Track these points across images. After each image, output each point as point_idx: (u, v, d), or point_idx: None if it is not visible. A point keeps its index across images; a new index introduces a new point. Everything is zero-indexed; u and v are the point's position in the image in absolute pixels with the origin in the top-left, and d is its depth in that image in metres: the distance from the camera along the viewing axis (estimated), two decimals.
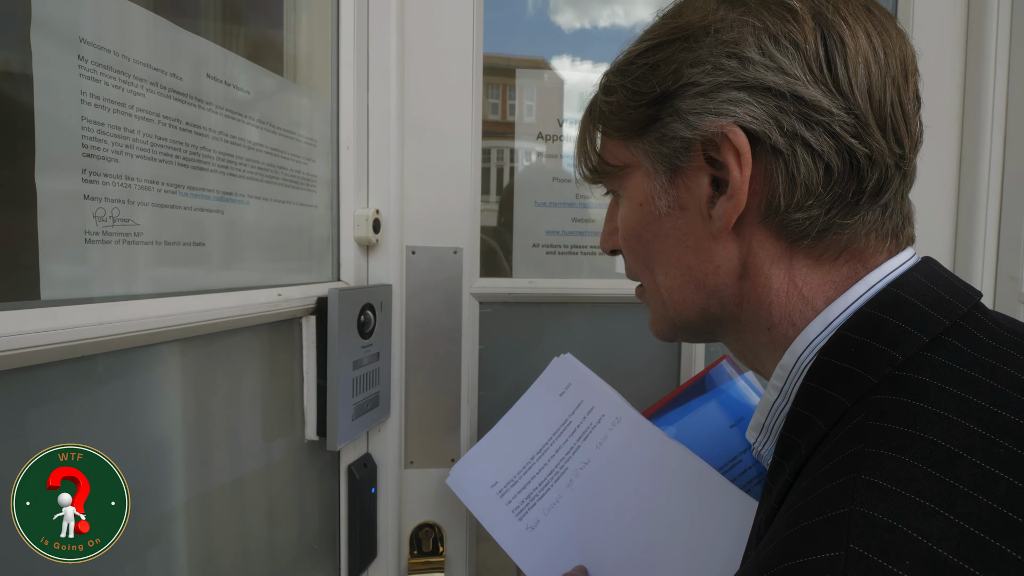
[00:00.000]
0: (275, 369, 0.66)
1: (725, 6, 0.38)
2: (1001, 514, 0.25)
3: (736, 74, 0.37)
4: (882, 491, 0.27)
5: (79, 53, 0.42)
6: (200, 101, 0.54)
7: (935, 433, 0.28)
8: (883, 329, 0.34)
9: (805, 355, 0.38)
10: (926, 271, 0.38)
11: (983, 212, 0.92)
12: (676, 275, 0.44)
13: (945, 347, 0.33)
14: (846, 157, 0.36)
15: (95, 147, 0.43)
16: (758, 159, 0.37)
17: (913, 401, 0.31)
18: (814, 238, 0.38)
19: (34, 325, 0.38)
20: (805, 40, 0.36)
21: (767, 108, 0.36)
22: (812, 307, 0.38)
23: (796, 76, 0.35)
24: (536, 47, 0.93)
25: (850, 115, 0.36)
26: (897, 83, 0.37)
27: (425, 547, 0.86)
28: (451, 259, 0.85)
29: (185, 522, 0.53)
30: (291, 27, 0.71)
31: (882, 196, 0.38)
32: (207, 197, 0.56)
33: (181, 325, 0.50)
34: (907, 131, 0.38)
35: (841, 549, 0.25)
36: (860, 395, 0.33)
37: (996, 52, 0.91)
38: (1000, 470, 0.27)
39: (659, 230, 0.43)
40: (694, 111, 0.38)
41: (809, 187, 0.37)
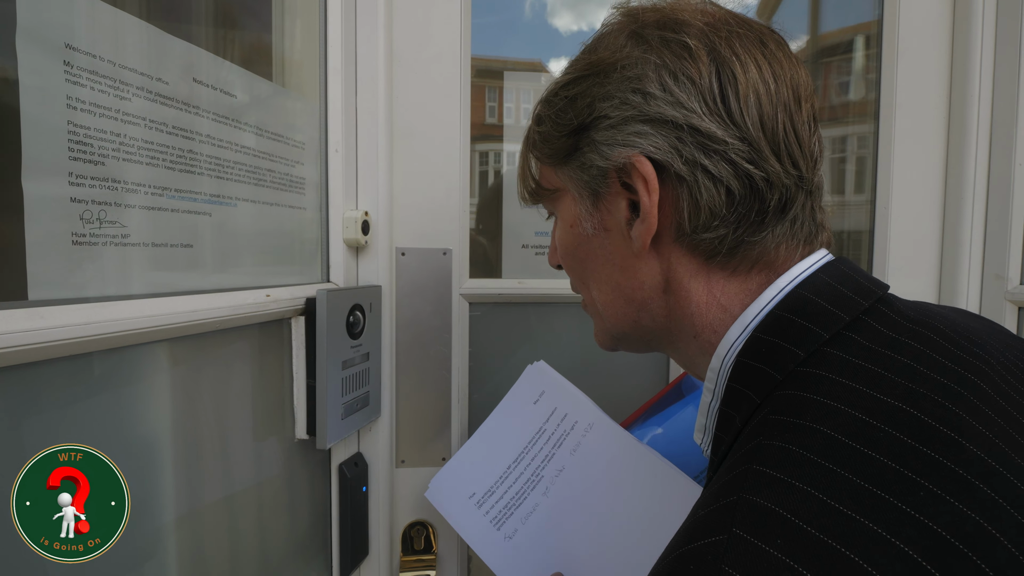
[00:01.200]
0: (265, 369, 0.67)
1: (632, 43, 0.41)
2: (870, 492, 0.27)
3: (640, 108, 0.40)
4: (768, 479, 0.29)
5: (65, 59, 0.43)
6: (188, 105, 0.55)
7: (822, 422, 0.31)
8: (790, 329, 0.37)
9: (728, 357, 0.40)
10: (832, 271, 0.40)
11: (969, 211, 0.93)
12: (608, 291, 0.47)
13: (844, 341, 0.36)
14: (745, 181, 0.39)
15: (81, 151, 0.44)
16: (666, 185, 0.41)
17: (807, 394, 0.33)
18: (725, 255, 0.41)
19: (22, 325, 0.39)
20: (700, 76, 0.39)
21: (668, 139, 0.39)
22: (730, 314, 0.41)
23: (692, 109, 0.39)
24: (533, 50, 0.94)
25: (744, 143, 0.39)
26: (789, 109, 0.40)
27: (417, 545, 0.87)
28: (440, 260, 0.86)
29: (176, 523, 0.54)
30: (280, 32, 0.72)
31: (787, 212, 0.41)
32: (196, 199, 0.57)
33: (170, 325, 0.51)
34: (802, 153, 0.40)
35: (725, 533, 0.28)
36: (768, 391, 0.36)
37: (982, 51, 0.92)
38: (876, 452, 0.29)
39: (589, 250, 0.47)
40: (606, 142, 0.42)
41: (713, 210, 0.40)
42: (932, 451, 0.29)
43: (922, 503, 0.27)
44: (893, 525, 0.26)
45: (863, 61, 1.01)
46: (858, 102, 1.02)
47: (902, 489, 0.27)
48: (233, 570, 0.63)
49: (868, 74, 1.00)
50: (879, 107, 0.97)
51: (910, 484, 0.27)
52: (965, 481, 0.28)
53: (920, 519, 0.26)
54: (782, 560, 0.26)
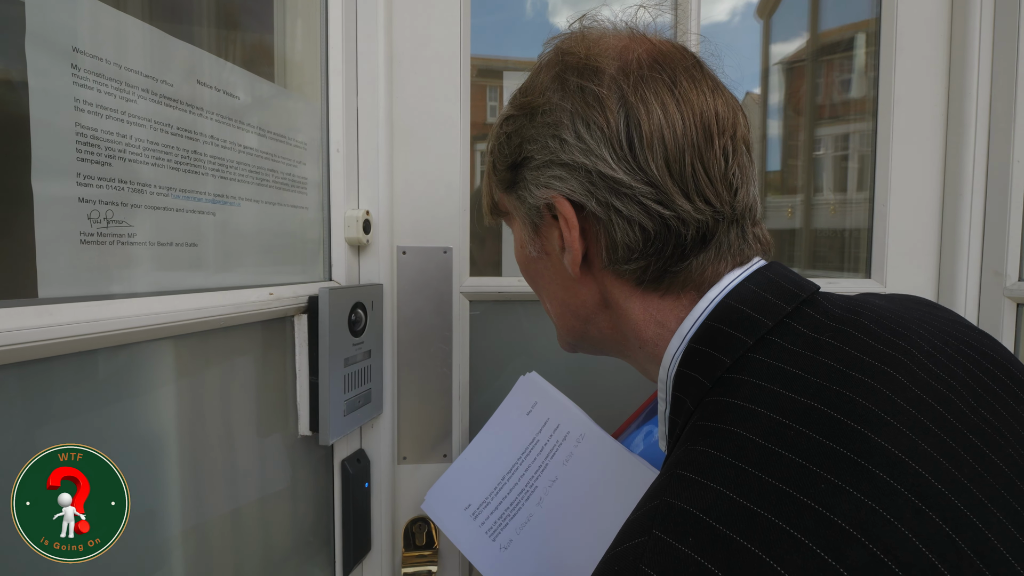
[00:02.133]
0: (268, 366, 0.68)
1: (552, 88, 0.44)
2: (775, 487, 0.29)
3: (556, 154, 0.43)
4: (688, 481, 0.31)
5: (73, 62, 0.44)
6: (192, 106, 0.56)
7: (738, 425, 0.33)
8: (718, 337, 0.39)
9: (671, 367, 0.43)
10: (759, 279, 0.42)
11: (967, 208, 0.93)
12: (557, 305, 0.51)
13: (768, 346, 0.37)
14: (658, 220, 0.41)
15: (89, 152, 0.45)
16: (587, 221, 0.44)
17: (728, 399, 0.35)
18: (651, 281, 0.43)
19: (31, 321, 0.40)
20: (607, 124, 0.41)
21: (582, 183, 0.42)
22: (668, 329, 0.44)
23: (601, 156, 0.41)
24: (534, 49, 0.94)
25: (650, 186, 0.40)
26: (697, 148, 0.41)
27: (418, 540, 0.88)
28: (441, 259, 0.87)
29: (180, 515, 0.55)
30: (281, 34, 0.73)
31: (709, 242, 0.42)
32: (200, 199, 0.58)
33: (175, 323, 0.52)
34: (714, 190, 0.41)
35: (646, 535, 0.30)
36: (700, 398, 0.38)
37: (980, 48, 0.92)
38: (785, 450, 0.31)
39: (536, 270, 0.51)
40: (534, 182, 0.45)
41: (629, 245, 0.42)
42: (837, 445, 0.30)
43: (822, 494, 0.28)
44: (793, 517, 0.28)
45: (864, 59, 1.01)
46: (859, 100, 1.02)
47: (805, 483, 0.29)
48: (237, 566, 0.64)
49: (869, 72, 1.01)
50: (877, 104, 0.98)
51: (812, 477, 0.29)
52: (866, 471, 0.29)
53: (819, 509, 0.28)
54: (692, 557, 0.27)
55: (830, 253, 1.05)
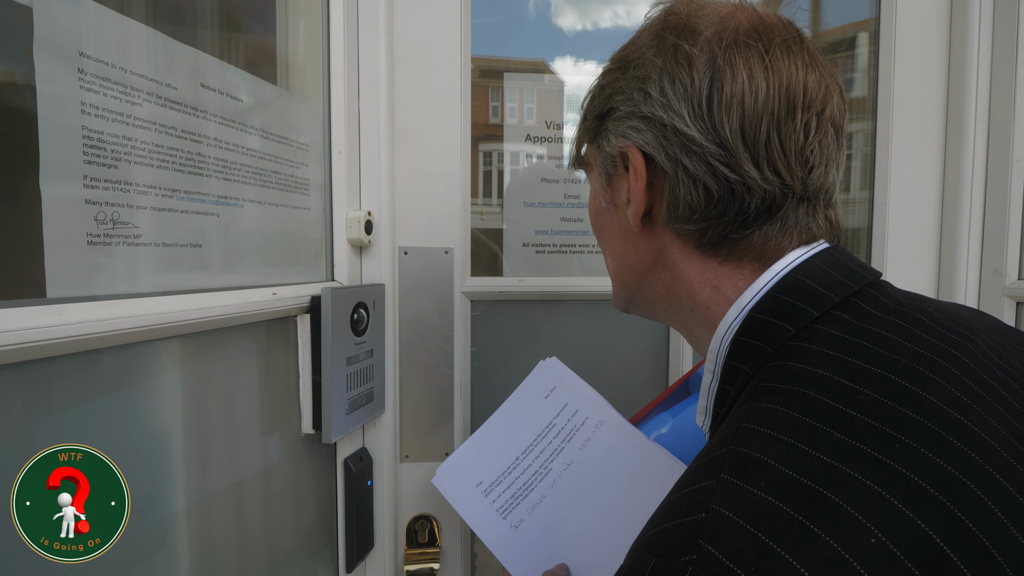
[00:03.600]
0: (271, 365, 0.69)
1: (649, 44, 0.45)
2: (849, 444, 0.30)
3: (639, 106, 0.44)
4: (755, 433, 0.32)
5: (79, 66, 0.45)
6: (196, 109, 0.57)
7: (808, 387, 0.34)
8: (782, 308, 0.40)
9: (725, 337, 0.43)
10: (825, 258, 0.43)
11: (967, 207, 0.93)
12: (616, 258, 0.53)
13: (832, 320, 0.38)
14: (723, 183, 0.42)
15: (95, 155, 0.46)
16: (656, 175, 0.45)
17: (795, 363, 0.36)
18: (710, 246, 0.44)
19: (40, 321, 0.41)
20: (692, 83, 0.42)
21: (656, 137, 0.44)
22: (724, 296, 0.44)
23: (679, 113, 0.42)
24: (536, 50, 0.95)
25: (721, 148, 0.41)
26: (777, 119, 0.41)
27: (421, 538, 0.89)
28: (442, 259, 0.88)
29: (185, 514, 0.56)
30: (284, 36, 0.74)
31: (774, 215, 0.42)
32: (204, 201, 0.58)
33: (179, 322, 0.53)
34: (786, 163, 0.42)
35: (714, 478, 0.31)
36: (760, 363, 0.39)
37: (979, 48, 0.92)
38: (857, 411, 0.31)
39: (603, 221, 0.53)
40: (613, 132, 0.47)
41: (691, 205, 0.43)
42: (909, 411, 0.31)
43: (897, 453, 0.29)
44: (869, 471, 0.28)
45: (867, 58, 1.01)
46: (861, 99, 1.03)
47: (879, 442, 0.30)
48: (241, 562, 0.65)
49: (870, 71, 1.01)
50: (877, 104, 0.98)
51: (887, 437, 0.30)
52: (940, 437, 0.30)
53: (895, 466, 0.28)
54: (765, 498, 0.28)
55: None
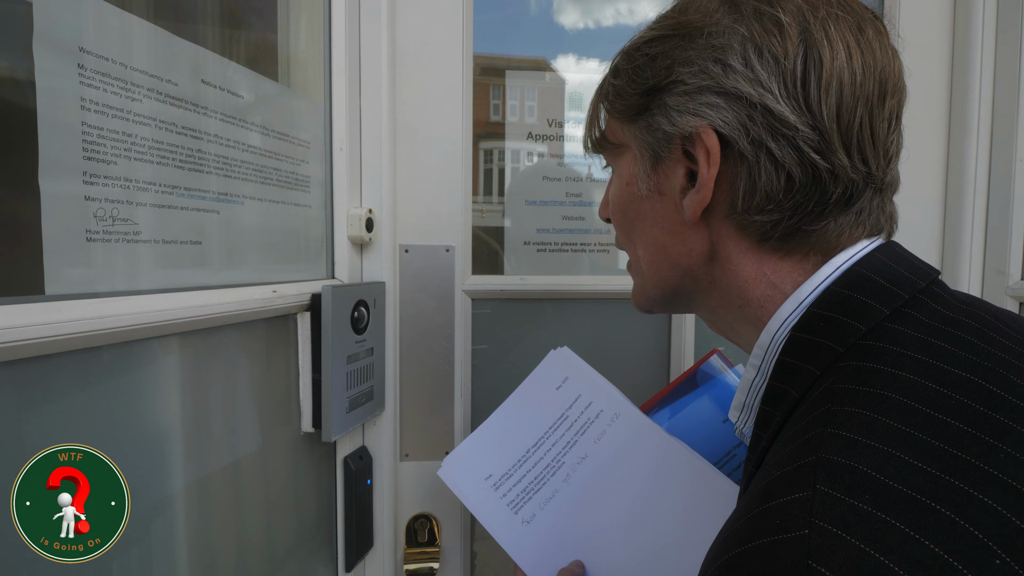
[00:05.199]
0: (271, 363, 0.68)
1: (724, 9, 0.40)
2: (950, 453, 0.28)
3: (718, 80, 0.39)
4: (845, 440, 0.29)
5: (79, 62, 0.44)
6: (196, 106, 0.56)
7: (892, 390, 0.31)
8: (848, 304, 0.37)
9: (779, 333, 0.40)
10: (888, 252, 0.41)
11: (970, 206, 0.93)
12: (653, 252, 0.47)
13: (904, 318, 0.36)
14: (808, 170, 0.38)
15: (95, 151, 0.46)
16: (727, 160, 0.40)
17: (873, 364, 0.33)
18: (778, 239, 0.40)
19: (39, 318, 0.40)
20: (785, 55, 0.38)
21: (739, 116, 0.39)
22: (781, 291, 0.41)
23: (770, 89, 0.38)
24: (538, 47, 0.94)
25: (815, 132, 0.38)
26: (871, 104, 0.38)
27: (421, 537, 0.88)
28: (443, 257, 0.87)
29: (184, 512, 0.56)
30: (285, 32, 0.74)
31: (852, 205, 0.40)
32: (204, 198, 0.58)
33: (179, 320, 0.52)
34: (874, 151, 0.39)
35: (808, 489, 0.28)
36: (828, 363, 0.36)
37: (982, 47, 0.92)
38: (949, 417, 0.29)
39: (640, 210, 0.47)
40: (677, 108, 0.41)
41: (769, 193, 0.39)
42: (1004, 418, 0.29)
43: (1003, 464, 0.27)
44: (979, 483, 0.26)
45: None
46: None
47: (981, 451, 0.28)
48: (240, 561, 0.65)
49: None
50: None
51: (988, 447, 0.28)
52: None
53: (1003, 478, 0.26)
54: (873, 513, 0.26)
55: None
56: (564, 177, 0.95)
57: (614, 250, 0.97)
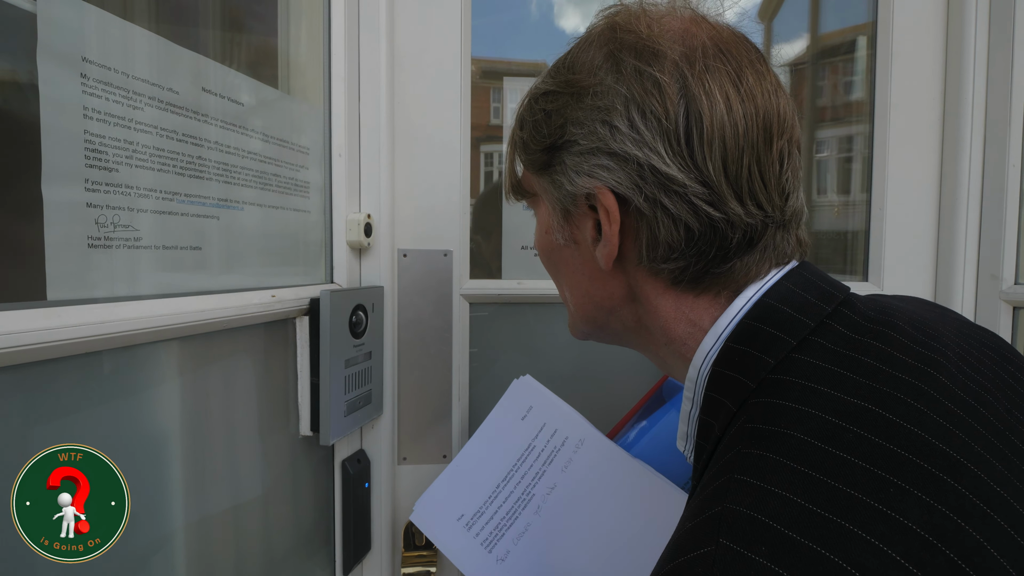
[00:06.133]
0: (270, 367, 0.69)
1: (607, 68, 0.41)
2: (842, 492, 0.28)
3: (606, 142, 0.40)
4: (749, 486, 0.30)
5: (82, 71, 0.45)
6: (197, 113, 0.57)
7: (793, 427, 0.32)
8: (758, 337, 0.38)
9: (703, 367, 0.41)
10: (795, 278, 0.41)
11: (964, 211, 0.94)
12: (578, 294, 0.49)
13: (811, 347, 0.36)
14: (705, 220, 0.39)
15: (97, 158, 0.46)
16: (628, 215, 0.41)
17: (779, 400, 0.34)
18: (689, 283, 0.42)
19: (40, 323, 0.41)
20: (666, 115, 0.38)
21: (630, 176, 0.40)
22: (700, 328, 0.42)
23: (655, 149, 0.39)
24: (538, 51, 0.95)
25: (704, 186, 0.39)
26: (757, 150, 0.39)
27: (418, 541, 0.89)
28: (441, 261, 0.88)
29: (183, 516, 0.56)
30: (285, 39, 0.75)
31: (755, 245, 0.41)
32: (204, 204, 0.59)
33: (179, 325, 0.53)
34: (767, 194, 0.40)
35: (712, 544, 0.28)
36: (743, 399, 0.37)
37: (975, 53, 0.93)
38: (847, 453, 0.29)
39: (562, 256, 0.49)
40: (574, 169, 0.43)
41: (671, 244, 0.40)
42: (899, 448, 0.29)
43: (892, 499, 0.27)
44: (867, 523, 0.27)
45: (866, 62, 1.02)
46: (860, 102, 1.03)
47: (873, 487, 0.28)
48: (238, 565, 0.65)
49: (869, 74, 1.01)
50: (874, 108, 0.98)
51: (880, 482, 0.28)
52: (931, 475, 0.28)
53: (891, 515, 0.27)
54: (768, 567, 0.26)
55: (833, 255, 1.06)
56: None
57: None
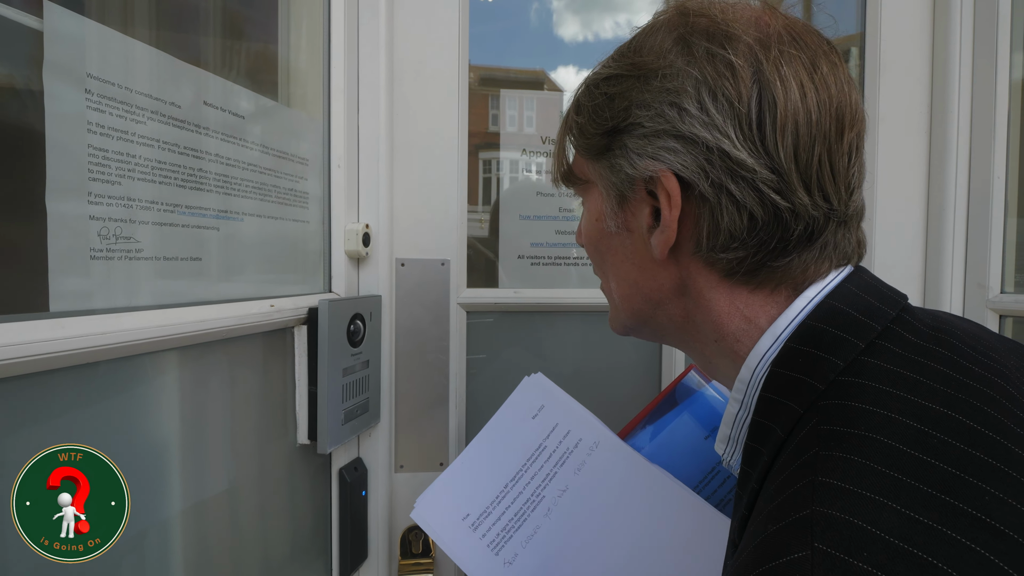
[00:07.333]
0: (268, 376, 0.69)
1: (677, 50, 0.40)
2: (939, 499, 0.27)
3: (674, 124, 0.39)
4: (838, 490, 0.29)
5: (86, 87, 0.46)
6: (198, 127, 0.58)
7: (878, 431, 0.31)
8: (824, 338, 0.37)
9: (759, 368, 0.40)
10: (856, 281, 0.41)
11: (951, 221, 0.96)
12: (625, 286, 0.48)
13: (879, 351, 0.36)
14: (770, 209, 0.38)
15: (100, 172, 0.47)
16: (689, 201, 0.41)
17: (856, 403, 0.33)
18: (745, 274, 0.41)
19: (43, 334, 0.41)
20: (739, 98, 0.38)
21: (697, 159, 0.39)
22: (756, 326, 0.41)
23: (726, 133, 0.38)
24: (537, 58, 0.97)
25: (774, 173, 0.38)
26: (828, 141, 0.39)
27: (415, 549, 0.89)
28: (439, 270, 0.89)
29: (180, 523, 0.56)
30: (285, 52, 0.76)
31: (815, 240, 0.40)
32: (204, 215, 0.60)
33: (179, 335, 0.53)
34: (835, 187, 0.39)
35: (807, 549, 0.27)
36: (810, 402, 0.36)
37: (960, 68, 0.95)
38: (935, 459, 0.29)
39: (611, 245, 0.48)
40: (637, 151, 0.42)
41: (732, 233, 0.39)
42: (985, 455, 0.29)
43: (989, 507, 0.27)
44: (970, 531, 0.26)
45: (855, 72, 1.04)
46: None
47: (969, 495, 0.27)
48: (235, 571, 0.65)
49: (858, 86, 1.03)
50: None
51: (975, 489, 0.27)
52: (1018, 482, 0.28)
53: (992, 523, 0.26)
54: (872, 572, 0.25)
55: None
56: (557, 193, 0.97)
57: None
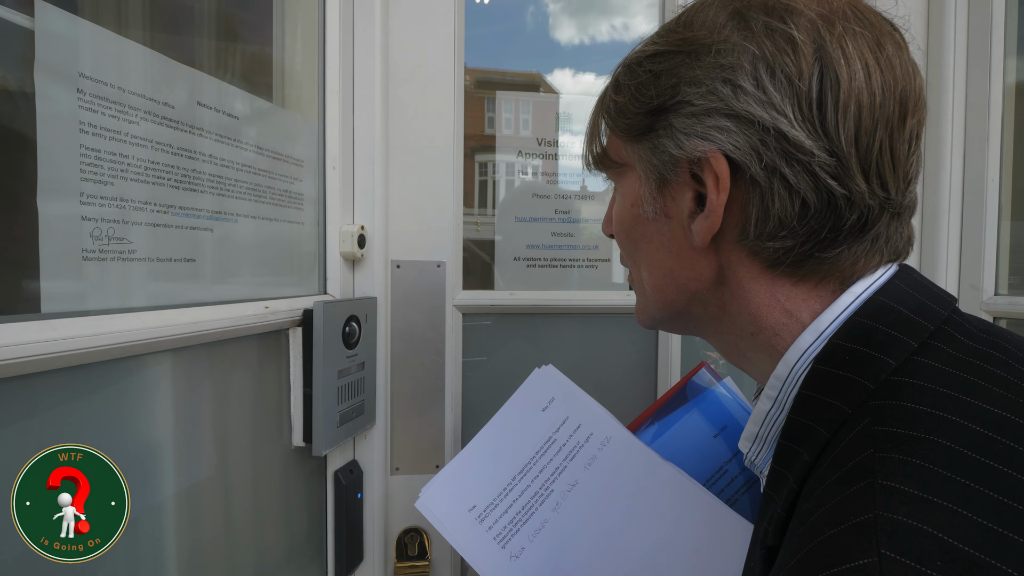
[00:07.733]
0: (263, 378, 0.69)
1: (732, 25, 0.38)
2: (1009, 507, 0.26)
3: (727, 102, 0.37)
4: (902, 494, 0.27)
5: (78, 87, 0.45)
6: (192, 127, 0.58)
7: (939, 434, 0.29)
8: (874, 336, 0.35)
9: (799, 365, 0.38)
10: (906, 279, 0.39)
11: (945, 224, 0.96)
12: (659, 276, 0.45)
13: (932, 351, 0.34)
14: (824, 196, 0.36)
15: (92, 172, 0.47)
16: (738, 185, 0.38)
17: (913, 404, 0.31)
18: (790, 266, 0.38)
19: (35, 336, 0.41)
20: (800, 75, 0.35)
21: (751, 140, 0.36)
22: (797, 320, 0.39)
23: (783, 112, 0.35)
24: (533, 61, 0.97)
25: (832, 157, 0.36)
26: (891, 125, 0.36)
27: (411, 551, 0.89)
28: (434, 272, 0.89)
29: (174, 526, 0.56)
30: (280, 53, 0.76)
31: (867, 232, 0.38)
32: (198, 216, 0.59)
33: (172, 336, 0.53)
34: (894, 175, 0.37)
35: (873, 555, 0.25)
36: (860, 401, 0.34)
37: (954, 71, 0.95)
38: (1002, 465, 0.28)
39: (646, 232, 0.45)
40: (684, 131, 0.39)
41: (782, 220, 0.37)
42: None
43: None
44: None
45: None
46: None
47: None
48: (230, 574, 0.65)
49: None
50: None
51: None
52: None
53: None
54: None
55: None
56: (553, 194, 0.97)
57: (602, 265, 0.99)
